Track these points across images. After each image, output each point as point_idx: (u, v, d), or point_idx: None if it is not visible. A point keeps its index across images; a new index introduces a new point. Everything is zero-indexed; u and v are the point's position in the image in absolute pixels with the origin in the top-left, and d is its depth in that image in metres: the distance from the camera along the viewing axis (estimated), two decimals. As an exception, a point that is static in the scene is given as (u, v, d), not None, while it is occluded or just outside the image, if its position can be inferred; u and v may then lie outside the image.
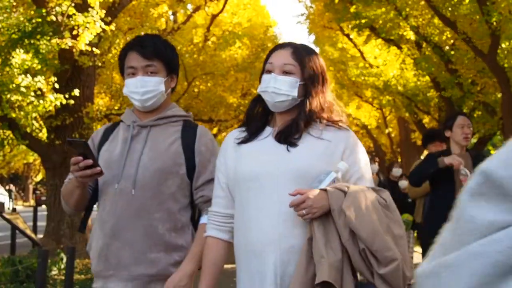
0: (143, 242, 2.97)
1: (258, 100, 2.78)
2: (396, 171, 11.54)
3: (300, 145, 2.57)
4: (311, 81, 2.64)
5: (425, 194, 7.21)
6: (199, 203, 3.14)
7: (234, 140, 2.76)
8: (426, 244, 7.54)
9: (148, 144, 3.10)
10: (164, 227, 3.00)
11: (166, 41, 3.33)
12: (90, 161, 2.80)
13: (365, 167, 2.67)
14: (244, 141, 2.71)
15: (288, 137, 2.59)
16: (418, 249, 11.46)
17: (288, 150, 2.56)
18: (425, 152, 10.58)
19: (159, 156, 3.06)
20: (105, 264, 3.04)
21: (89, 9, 11.47)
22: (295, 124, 2.60)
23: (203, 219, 3.04)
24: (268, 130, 2.71)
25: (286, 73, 2.63)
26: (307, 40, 71.91)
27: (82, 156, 2.81)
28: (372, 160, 10.54)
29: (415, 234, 10.61)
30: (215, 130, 25.00)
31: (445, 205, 5.24)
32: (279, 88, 2.60)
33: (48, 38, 10.72)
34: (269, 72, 2.68)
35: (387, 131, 29.99)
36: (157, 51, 3.12)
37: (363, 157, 2.68)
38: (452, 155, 5.49)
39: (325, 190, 2.41)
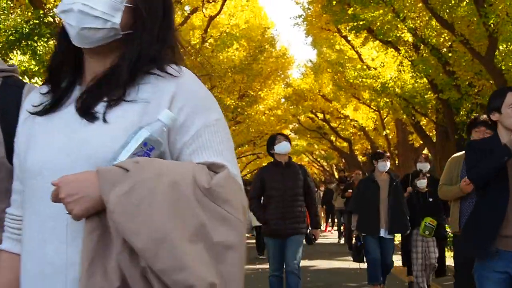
0: None
1: (63, 35, 1.72)
2: (422, 166, 9.21)
3: (108, 115, 1.59)
4: (146, 6, 1.69)
5: (460, 196, 6.01)
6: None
7: (31, 107, 1.77)
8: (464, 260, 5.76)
9: None
10: None
11: None
12: None
13: (209, 131, 1.63)
14: (42, 111, 1.72)
15: (91, 104, 1.62)
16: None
17: (86, 126, 1.60)
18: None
19: None
20: None
21: (87, 10, 11.45)
22: (108, 80, 1.64)
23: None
24: (77, 91, 1.71)
25: None
26: (305, 41, 71.99)
27: None
28: (385, 157, 9.04)
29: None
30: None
31: (495, 212, 4.23)
32: (92, 6, 1.61)
33: (46, 39, 10.71)
34: None
35: (384, 133, 29.98)
36: None
37: (207, 116, 1.65)
38: None
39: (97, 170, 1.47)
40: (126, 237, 1.38)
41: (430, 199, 8.75)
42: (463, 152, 5.63)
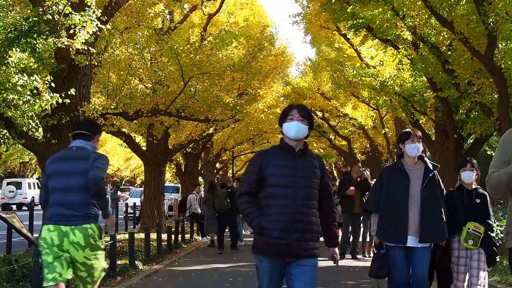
0: None
1: None
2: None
3: None
4: None
5: None
6: None
7: None
8: None
9: None
10: None
11: None
12: None
13: None
14: None
15: None
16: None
17: None
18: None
19: None
20: None
21: (86, 8, 11.45)
22: None
23: None
24: None
25: None
26: (304, 40, 72.04)
27: None
28: (415, 137, 6.58)
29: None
30: (211, 130, 24.99)
31: None
32: None
33: (45, 37, 10.69)
34: None
35: (383, 131, 29.99)
36: None
37: None
38: None
39: None
40: None
41: (478, 200, 6.87)
42: None
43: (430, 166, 6.57)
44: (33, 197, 39.51)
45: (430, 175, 6.47)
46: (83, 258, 5.63)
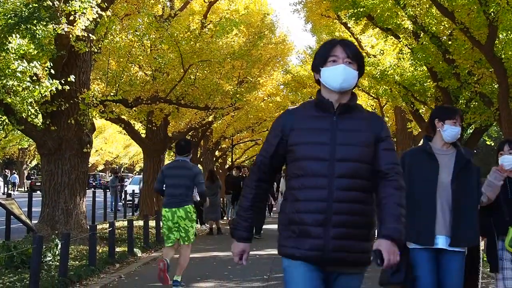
0: None
1: None
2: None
3: None
4: None
5: None
6: None
7: None
8: None
9: None
10: None
11: None
12: None
13: None
14: None
15: None
16: None
17: None
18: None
19: None
20: None
21: (86, -6, 11.40)
22: None
23: None
24: None
25: None
26: (304, 28, 71.74)
27: None
28: (458, 117, 5.16)
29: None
30: (211, 118, 24.96)
31: None
32: None
33: (45, 23, 10.67)
34: None
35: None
36: None
37: None
38: None
39: None
40: None
41: None
42: None
43: (463, 151, 5.18)
44: None
45: (464, 161, 5.07)
46: (184, 225, 9.15)
